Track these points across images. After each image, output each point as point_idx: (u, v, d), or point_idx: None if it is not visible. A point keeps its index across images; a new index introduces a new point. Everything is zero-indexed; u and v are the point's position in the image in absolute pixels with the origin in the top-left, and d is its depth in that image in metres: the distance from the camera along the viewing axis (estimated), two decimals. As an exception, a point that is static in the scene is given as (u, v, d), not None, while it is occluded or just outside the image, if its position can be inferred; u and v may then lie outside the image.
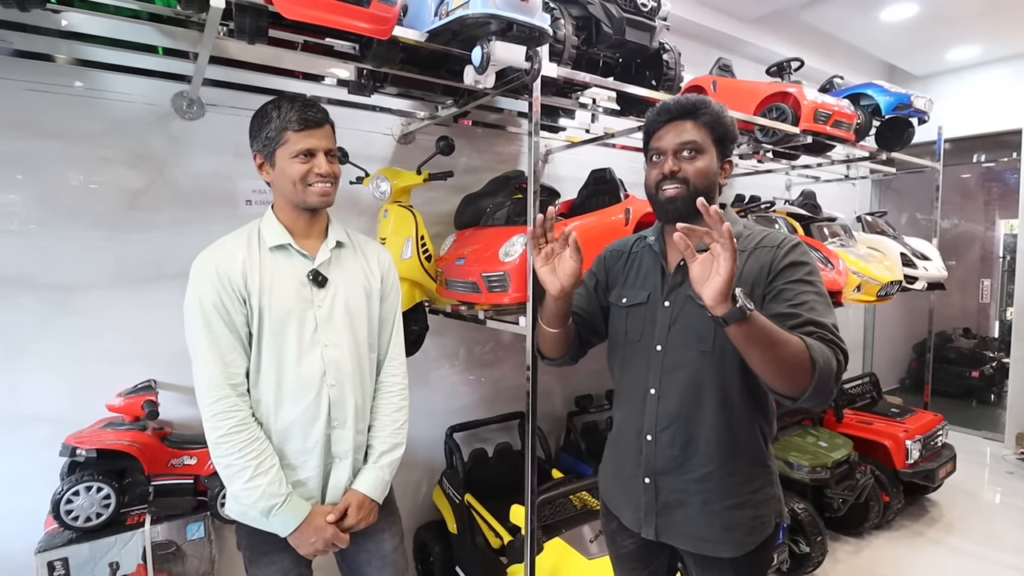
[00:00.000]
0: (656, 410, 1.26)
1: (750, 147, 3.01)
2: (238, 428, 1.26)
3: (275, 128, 1.28)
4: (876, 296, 2.95)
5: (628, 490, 1.33)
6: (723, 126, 1.23)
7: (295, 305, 1.31)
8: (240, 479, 1.26)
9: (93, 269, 1.91)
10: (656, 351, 1.26)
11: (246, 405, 1.30)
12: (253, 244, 1.33)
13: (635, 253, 1.38)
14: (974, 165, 5.87)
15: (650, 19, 1.85)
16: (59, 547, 1.62)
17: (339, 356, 1.35)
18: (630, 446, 1.32)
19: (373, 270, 1.45)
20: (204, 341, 1.26)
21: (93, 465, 1.69)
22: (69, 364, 1.88)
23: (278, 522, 1.29)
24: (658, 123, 1.24)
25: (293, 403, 1.32)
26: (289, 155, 1.28)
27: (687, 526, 1.25)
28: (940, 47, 4.27)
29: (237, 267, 1.28)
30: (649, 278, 1.31)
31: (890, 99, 2.99)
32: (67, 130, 1.84)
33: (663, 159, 1.24)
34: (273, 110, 1.29)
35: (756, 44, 3.77)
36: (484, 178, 2.62)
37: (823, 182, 4.38)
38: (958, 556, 2.91)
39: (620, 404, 1.40)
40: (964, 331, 6.24)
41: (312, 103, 1.30)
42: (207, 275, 1.27)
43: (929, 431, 3.20)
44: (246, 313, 1.29)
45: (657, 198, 1.25)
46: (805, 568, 2.66)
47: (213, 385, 1.26)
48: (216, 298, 1.26)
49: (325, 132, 1.31)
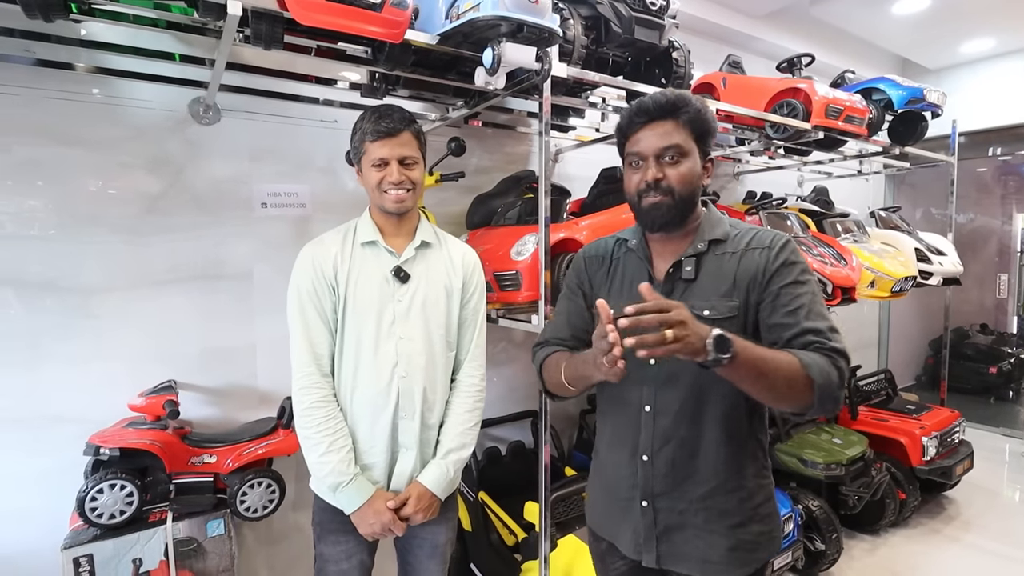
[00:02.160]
0: (652, 428, 1.18)
1: (761, 144, 3.00)
2: (318, 404, 1.38)
3: (359, 139, 1.39)
4: (890, 292, 2.93)
5: (623, 514, 1.25)
6: (705, 123, 1.15)
7: (377, 298, 1.41)
8: (315, 452, 1.38)
9: (113, 272, 1.95)
10: (650, 365, 1.16)
11: (329, 385, 1.41)
12: (348, 239, 1.45)
13: (616, 259, 1.28)
14: (990, 159, 5.78)
15: (659, 17, 1.86)
16: (84, 544, 1.66)
17: (412, 349, 1.42)
18: (623, 467, 1.24)
19: (456, 269, 1.50)
20: (298, 323, 1.40)
21: (116, 463, 1.72)
22: (91, 365, 1.92)
23: (343, 498, 1.38)
24: (636, 124, 1.15)
25: (366, 389, 1.41)
26: (369, 164, 1.38)
27: (690, 549, 1.18)
28: (953, 40, 4.22)
29: (330, 260, 1.40)
30: (635, 287, 1.10)
31: (903, 93, 2.97)
32: (87, 137, 1.89)
33: (644, 165, 1.15)
34: (359, 122, 1.40)
35: (766, 40, 3.76)
36: (495, 178, 2.64)
37: (836, 178, 4.36)
38: (976, 554, 2.88)
39: (607, 423, 1.30)
40: (981, 327, 6.15)
41: (389, 113, 1.36)
42: (305, 266, 1.41)
43: (946, 428, 3.17)
44: (335, 301, 1.40)
45: (640, 206, 1.17)
46: (820, 566, 2.65)
47: (301, 363, 1.39)
48: (310, 286, 1.39)
49: (401, 140, 1.36)
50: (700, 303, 1.13)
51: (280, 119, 2.20)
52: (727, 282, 1.15)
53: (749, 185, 4.03)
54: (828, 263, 2.68)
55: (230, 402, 2.17)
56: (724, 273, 1.16)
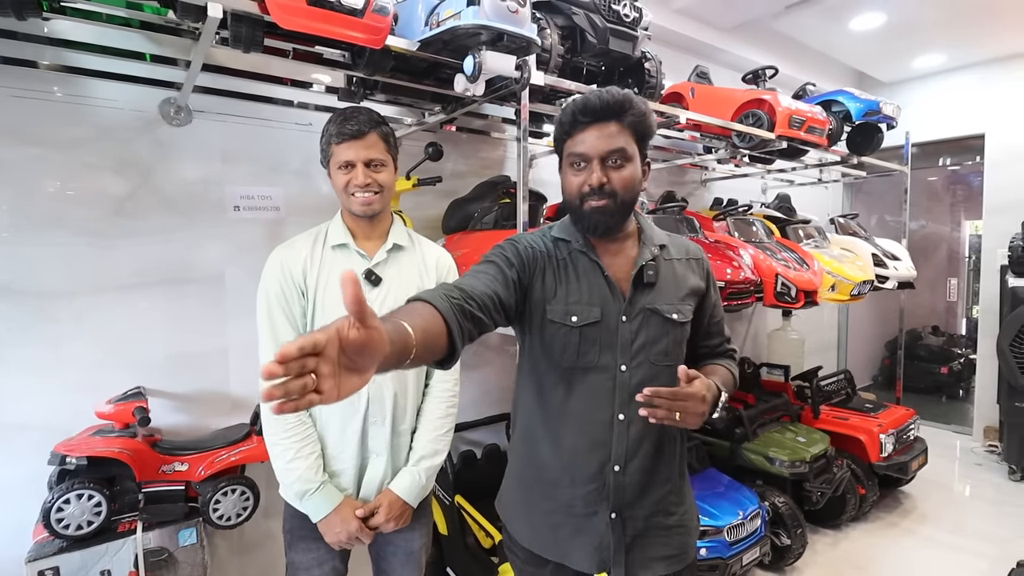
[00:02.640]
0: (627, 436, 1.15)
1: (728, 152, 3.10)
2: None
3: (325, 141, 1.37)
4: (850, 295, 3.05)
5: (576, 530, 1.18)
6: (647, 126, 1.13)
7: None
8: (282, 459, 1.36)
9: (78, 276, 1.89)
10: (621, 372, 1.14)
11: None
12: (318, 242, 1.42)
13: (562, 259, 1.18)
14: (940, 168, 6.09)
15: (632, 29, 1.91)
16: (50, 556, 1.60)
17: None
18: (586, 483, 1.16)
19: (429, 272, 1.49)
20: (266, 328, 1.38)
21: (84, 473, 1.67)
22: (53, 371, 1.86)
23: (310, 506, 1.36)
24: (580, 124, 1.11)
25: None
26: (335, 166, 1.36)
27: (655, 551, 1.19)
28: (907, 55, 4.43)
29: (299, 263, 1.38)
30: (594, 290, 1.16)
31: (860, 105, 3.11)
32: (52, 136, 1.83)
33: (588, 167, 1.11)
34: (326, 124, 1.37)
35: (731, 52, 3.88)
36: (469, 183, 2.67)
37: (797, 185, 4.52)
38: (931, 545, 3.02)
39: (563, 437, 1.18)
40: (933, 329, 6.45)
41: (355, 115, 1.34)
42: (273, 269, 1.39)
43: (902, 425, 3.32)
44: (304, 305, 1.38)
45: (581, 209, 1.13)
46: (786, 560, 2.74)
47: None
48: (279, 290, 1.37)
49: (367, 142, 1.34)
50: (666, 306, 1.17)
51: (253, 121, 2.18)
52: (683, 287, 1.21)
53: (715, 192, 4.15)
54: (792, 267, 2.79)
55: (201, 408, 2.13)
56: (678, 278, 1.21)
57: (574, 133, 1.12)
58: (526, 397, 1.26)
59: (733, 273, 2.43)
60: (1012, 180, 4.34)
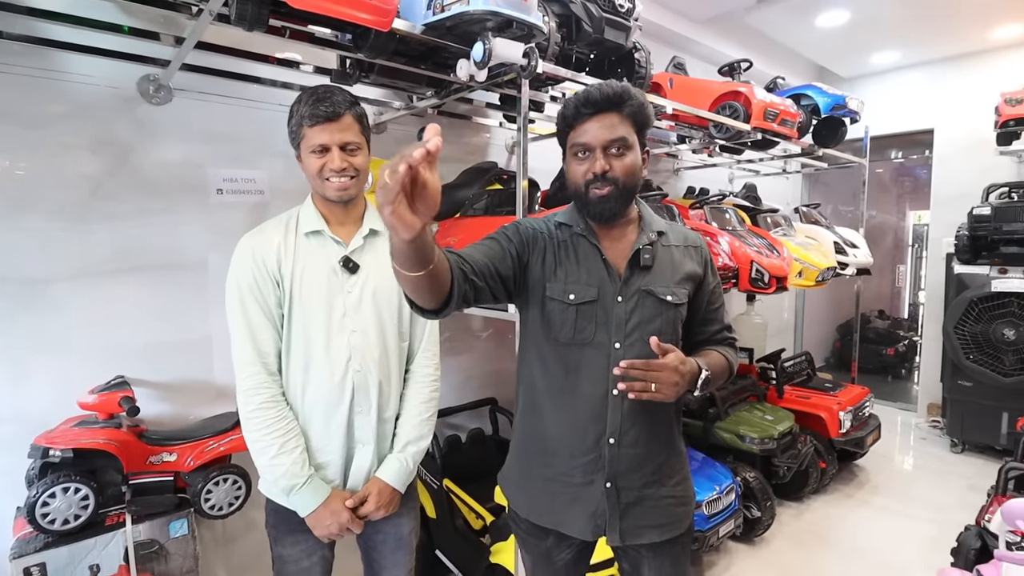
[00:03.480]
0: (621, 411, 1.21)
1: (703, 142, 3.19)
2: (266, 405, 1.31)
3: (295, 123, 1.30)
4: (815, 281, 3.21)
5: (573, 500, 1.25)
6: (645, 116, 1.19)
7: (326, 290, 1.34)
8: (265, 455, 1.31)
9: (53, 261, 1.80)
10: (615, 349, 1.20)
11: (276, 384, 1.34)
12: (291, 229, 1.36)
13: (563, 242, 1.25)
14: (889, 161, 6.42)
15: (626, 19, 1.94)
16: (35, 552, 1.55)
17: (365, 343, 1.37)
18: (583, 454, 1.23)
19: None
20: (239, 320, 1.32)
21: (69, 465, 1.61)
22: (28, 361, 1.77)
23: (298, 501, 1.33)
24: (583, 115, 1.17)
25: (318, 386, 1.35)
26: (308, 150, 1.29)
27: (649, 519, 1.25)
28: (865, 52, 4.64)
29: (272, 251, 1.32)
30: (592, 272, 1.22)
31: (828, 100, 3.25)
32: (22, 113, 1.73)
33: (591, 156, 1.18)
34: (295, 104, 1.30)
35: (705, 44, 3.97)
36: (453, 168, 2.66)
37: (762, 175, 4.69)
38: (884, 514, 3.25)
39: (562, 410, 1.25)
40: (879, 313, 6.84)
41: (328, 95, 1.27)
42: (245, 257, 1.32)
43: (858, 403, 3.54)
44: (279, 295, 1.33)
45: (586, 196, 1.20)
46: (756, 531, 2.90)
47: (246, 361, 1.31)
48: (251, 279, 1.31)
49: (342, 124, 1.27)
50: (661, 289, 1.23)
51: (237, 101, 2.10)
52: (679, 272, 1.27)
53: (687, 181, 4.26)
54: (764, 254, 2.91)
55: (184, 397, 2.07)
56: (675, 263, 1.27)
57: (577, 124, 1.19)
58: (527, 372, 1.32)
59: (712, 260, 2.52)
60: (958, 173, 4.62)
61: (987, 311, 3.82)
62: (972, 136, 4.53)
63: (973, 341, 3.87)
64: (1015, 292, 3.70)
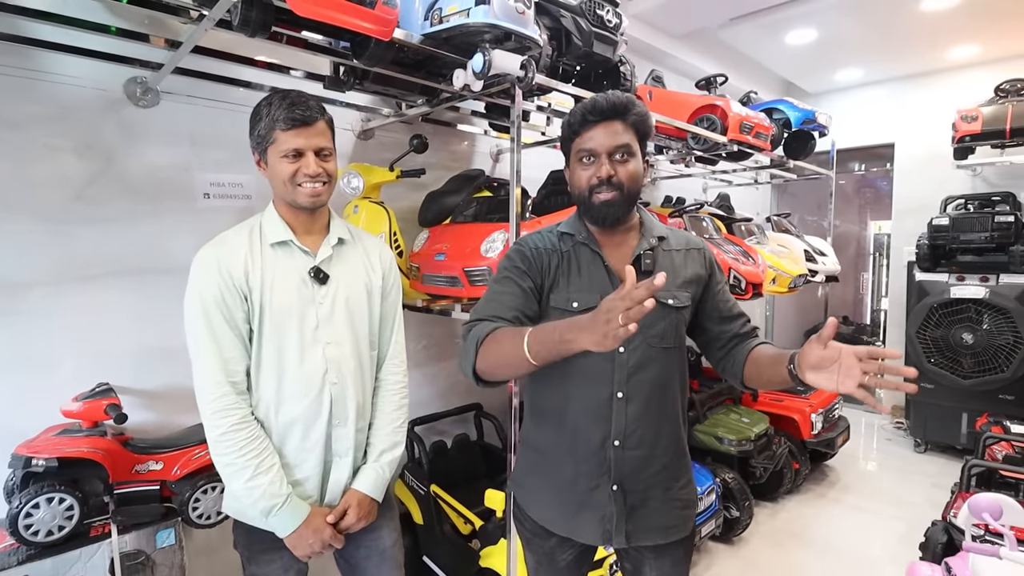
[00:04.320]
0: (625, 414, 1.23)
1: (681, 152, 3.29)
2: (237, 426, 1.25)
3: (265, 126, 1.25)
4: (788, 288, 3.33)
5: (581, 505, 1.27)
6: (647, 126, 1.23)
7: (296, 302, 1.29)
8: (240, 478, 1.24)
9: (35, 265, 1.76)
10: (619, 354, 1.22)
11: (246, 403, 1.28)
12: (255, 239, 1.31)
13: (566, 251, 1.28)
14: (852, 174, 6.69)
15: (613, 34, 2.00)
16: (17, 565, 1.50)
17: (340, 354, 1.34)
18: (588, 458, 1.25)
19: (375, 266, 1.43)
20: (204, 337, 1.24)
21: (52, 475, 1.57)
22: (9, 369, 1.73)
23: (277, 522, 1.28)
24: (589, 122, 1.20)
25: (294, 402, 1.31)
26: (279, 154, 1.24)
27: (654, 520, 1.27)
28: (831, 68, 4.85)
29: (239, 263, 1.25)
30: (595, 279, 1.25)
31: (799, 114, 3.39)
32: (2, 113, 1.69)
33: (596, 161, 1.21)
34: (264, 107, 1.26)
35: (681, 58, 4.10)
36: (438, 175, 2.68)
37: (735, 185, 4.84)
38: (854, 512, 3.38)
39: (567, 415, 1.27)
40: (844, 319, 7.09)
41: (303, 100, 1.25)
42: (208, 270, 1.24)
43: (828, 405, 3.67)
44: (247, 310, 1.27)
45: (590, 201, 1.22)
46: (735, 531, 2.97)
47: (213, 382, 1.24)
48: (217, 293, 1.23)
49: (316, 130, 1.26)
50: (663, 293, 1.25)
51: (225, 105, 2.09)
52: (681, 275, 1.30)
53: (663, 190, 4.37)
54: (740, 261, 3.01)
55: (168, 405, 2.03)
56: (676, 267, 1.30)
57: (582, 131, 1.22)
58: (532, 380, 1.34)
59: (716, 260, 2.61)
60: (918, 186, 4.86)
61: (947, 316, 4.02)
62: (930, 150, 4.77)
63: (934, 345, 4.06)
64: (972, 298, 3.90)
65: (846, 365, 0.99)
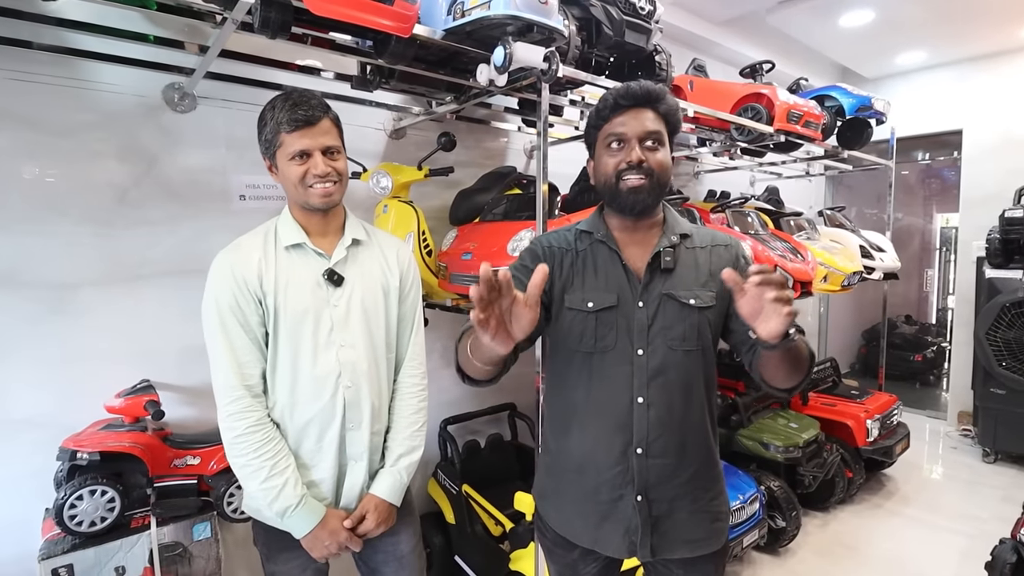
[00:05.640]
0: (647, 420, 1.17)
1: (725, 145, 3.15)
2: (253, 428, 1.26)
3: (271, 130, 1.25)
4: (841, 286, 3.14)
5: (605, 516, 1.21)
6: (677, 118, 1.21)
7: (311, 305, 1.29)
8: (256, 479, 1.26)
9: (82, 266, 1.84)
10: (638, 356, 1.17)
11: (261, 406, 1.30)
12: (269, 243, 1.31)
13: (583, 251, 1.24)
14: (915, 163, 6.27)
15: (647, 22, 1.92)
16: (63, 554, 1.57)
17: (355, 357, 1.33)
18: (610, 466, 1.20)
19: (392, 267, 1.41)
20: (220, 342, 1.26)
21: (96, 468, 1.64)
22: (59, 365, 1.81)
23: (292, 523, 1.29)
24: (620, 108, 1.17)
25: (308, 404, 1.31)
26: (286, 157, 1.24)
27: (681, 532, 1.21)
28: (891, 51, 4.54)
29: (252, 268, 1.26)
30: (612, 278, 1.20)
31: (853, 101, 3.19)
32: (51, 122, 1.76)
33: (626, 146, 1.16)
34: (268, 111, 1.26)
35: (725, 46, 3.93)
36: (472, 173, 2.65)
37: (785, 178, 4.61)
38: (914, 525, 3.16)
39: (587, 422, 1.22)
40: (907, 318, 6.68)
41: (305, 100, 1.24)
42: (223, 276, 1.26)
43: (886, 411, 3.45)
44: (262, 314, 1.28)
45: (617, 188, 1.17)
46: (781, 542, 2.83)
47: (228, 386, 1.26)
48: (231, 299, 1.25)
49: (321, 129, 1.24)
50: (683, 292, 1.19)
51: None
52: (704, 274, 1.22)
53: (707, 184, 4.21)
54: (788, 258, 2.85)
55: (208, 401, 2.01)
56: (699, 265, 1.23)
57: (612, 117, 1.18)
58: (551, 386, 1.30)
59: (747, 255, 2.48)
60: (988, 175, 4.50)
61: (1020, 316, 3.70)
62: (1002, 137, 4.41)
63: (1006, 347, 3.75)
64: (1050, 297, 3.58)
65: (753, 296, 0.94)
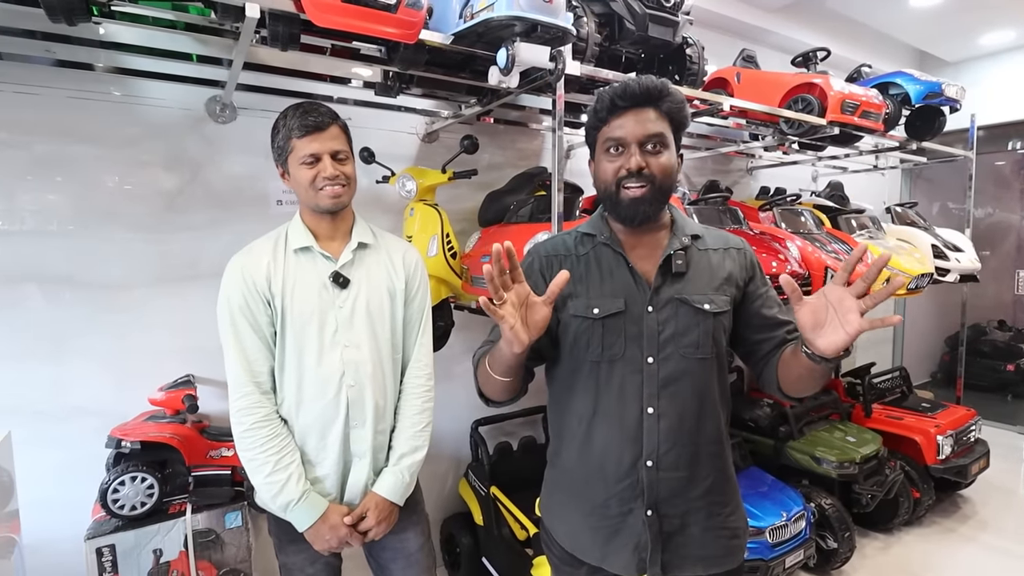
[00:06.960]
0: (658, 431, 1.12)
1: (775, 139, 2.98)
2: (260, 424, 1.32)
3: (283, 137, 1.31)
4: (907, 289, 2.89)
5: (614, 531, 1.16)
6: (683, 115, 1.12)
7: (317, 306, 1.34)
8: (261, 473, 1.32)
9: (134, 268, 1.99)
10: (648, 364, 1.12)
11: (270, 402, 1.36)
12: (279, 247, 1.37)
13: (585, 255, 1.19)
14: (1008, 152, 5.68)
15: (673, 14, 1.85)
16: (106, 534, 1.70)
17: (359, 357, 1.37)
18: (619, 480, 1.15)
19: (398, 270, 1.45)
20: (231, 341, 1.33)
21: (137, 456, 1.76)
22: (112, 359, 1.97)
23: (295, 516, 1.33)
24: (618, 109, 1.10)
25: (313, 402, 1.36)
26: (297, 162, 1.30)
27: (693, 549, 1.15)
28: (973, 32, 4.14)
29: (262, 270, 1.33)
30: (618, 282, 1.15)
31: (920, 88, 2.93)
32: (106, 135, 1.92)
33: (625, 152, 1.09)
34: (280, 120, 1.33)
35: (780, 33, 3.72)
36: (507, 175, 2.65)
37: (851, 172, 4.31)
38: (992, 553, 2.85)
39: (595, 434, 1.17)
40: (999, 323, 6.06)
41: (315, 107, 1.31)
42: (234, 278, 1.33)
43: (961, 426, 3.14)
44: (270, 314, 1.34)
45: (618, 197, 1.11)
46: (832, 564, 2.64)
47: (238, 382, 1.33)
48: (242, 300, 1.31)
49: (330, 134, 1.30)
50: (697, 297, 1.13)
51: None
52: (717, 278, 1.16)
53: (762, 181, 4.00)
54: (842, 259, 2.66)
55: (246, 397, 2.20)
56: (712, 268, 1.17)
57: (611, 119, 1.11)
58: (557, 398, 1.25)
59: (779, 266, 2.34)
60: (1092, 165, 4.01)
61: None
62: (1110, 121, 3.92)
63: (1111, 359, 3.32)
64: None
65: (835, 300, 0.91)
